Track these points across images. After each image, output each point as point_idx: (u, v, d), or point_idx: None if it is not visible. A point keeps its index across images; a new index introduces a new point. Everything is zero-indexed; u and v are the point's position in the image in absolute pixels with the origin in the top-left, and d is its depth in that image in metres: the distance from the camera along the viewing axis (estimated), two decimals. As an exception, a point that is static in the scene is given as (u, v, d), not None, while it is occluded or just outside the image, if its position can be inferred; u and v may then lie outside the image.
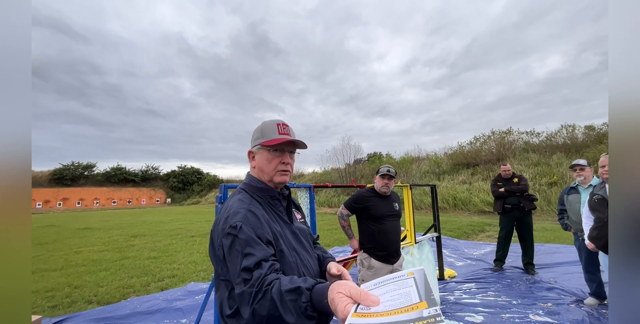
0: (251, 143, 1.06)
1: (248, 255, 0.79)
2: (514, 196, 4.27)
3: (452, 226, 8.61)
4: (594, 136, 13.63)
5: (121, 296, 3.82)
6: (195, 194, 39.54)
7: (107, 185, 39.59)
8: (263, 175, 1.03)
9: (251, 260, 0.78)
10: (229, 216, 0.88)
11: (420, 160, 19.70)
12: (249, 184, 1.03)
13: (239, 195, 0.98)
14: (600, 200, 2.31)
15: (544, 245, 5.67)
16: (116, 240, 8.53)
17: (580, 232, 3.10)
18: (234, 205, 0.92)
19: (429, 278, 3.34)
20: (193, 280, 4.41)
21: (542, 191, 11.15)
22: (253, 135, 1.05)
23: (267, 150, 1.00)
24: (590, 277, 3.09)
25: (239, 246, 0.81)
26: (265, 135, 1.01)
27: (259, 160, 1.02)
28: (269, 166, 1.00)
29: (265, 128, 1.02)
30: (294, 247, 0.96)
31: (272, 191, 1.02)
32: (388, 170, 2.34)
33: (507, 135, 16.31)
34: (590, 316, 2.74)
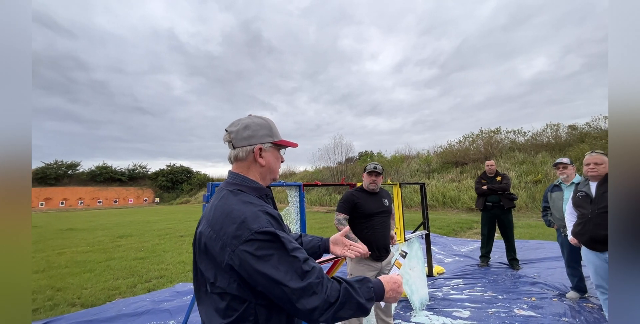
0: (252, 139, 0.93)
1: (295, 250, 0.80)
2: (496, 194, 4.38)
3: (441, 223, 8.76)
4: (577, 135, 14.08)
5: (106, 298, 3.72)
6: (184, 193, 38.88)
7: (92, 184, 38.48)
8: (269, 174, 0.98)
9: (302, 255, 0.80)
10: (247, 221, 0.79)
11: (410, 159, 19.93)
12: (242, 184, 0.93)
13: (241, 196, 0.88)
14: (585, 196, 2.37)
15: (528, 241, 5.83)
16: (101, 240, 8.30)
17: (563, 228, 3.20)
18: (243, 208, 0.83)
19: (418, 275, 3.36)
20: (181, 281, 4.33)
21: (527, 188, 11.47)
22: (253, 130, 0.93)
23: (277, 149, 0.99)
24: (572, 272, 3.19)
25: (281, 247, 0.78)
26: (275, 134, 0.97)
27: (270, 159, 0.96)
28: (277, 165, 0.99)
29: (272, 126, 0.98)
30: None
31: (267, 190, 0.98)
32: (375, 166, 2.35)
33: (495, 134, 16.68)
34: (572, 309, 2.83)
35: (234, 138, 0.93)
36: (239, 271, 0.78)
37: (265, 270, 0.75)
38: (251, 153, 0.93)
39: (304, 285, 0.75)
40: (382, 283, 0.90)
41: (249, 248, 0.76)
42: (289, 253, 0.78)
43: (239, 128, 0.93)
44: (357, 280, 0.86)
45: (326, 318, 0.77)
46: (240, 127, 0.93)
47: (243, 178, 0.93)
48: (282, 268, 0.76)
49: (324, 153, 22.69)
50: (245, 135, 0.93)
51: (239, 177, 0.93)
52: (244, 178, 0.93)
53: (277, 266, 0.76)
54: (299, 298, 0.75)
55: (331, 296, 0.77)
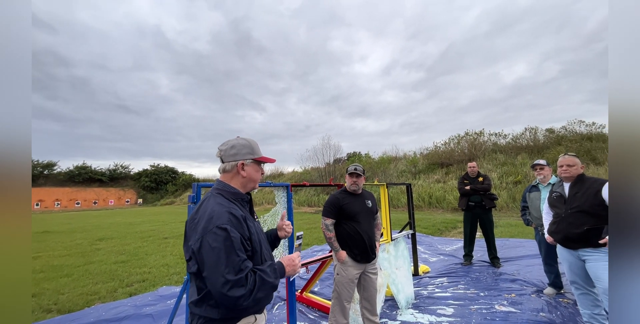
0: (237, 155, 1.21)
1: (240, 250, 1.02)
2: (478, 195, 4.52)
3: (427, 223, 8.94)
4: (554, 138, 14.75)
5: (84, 304, 3.57)
6: (169, 194, 37.82)
7: (70, 185, 36.79)
8: (249, 184, 1.25)
9: (243, 255, 1.03)
10: (214, 218, 1.03)
11: (397, 160, 20.23)
12: (223, 189, 1.19)
13: (217, 199, 1.12)
14: (559, 196, 2.46)
15: (508, 240, 6.04)
16: (79, 243, 7.96)
17: (540, 227, 3.34)
18: (215, 208, 1.07)
19: (404, 274, 3.41)
20: (165, 284, 4.22)
21: (508, 189, 11.89)
22: (238, 149, 1.21)
23: (257, 164, 1.26)
24: (549, 269, 3.34)
25: (230, 245, 1.00)
26: (256, 152, 1.25)
27: (251, 172, 1.23)
28: (257, 176, 1.26)
29: (254, 146, 1.26)
30: (259, 235, 1.21)
31: (243, 195, 1.23)
32: (355, 168, 2.39)
33: (478, 136, 17.20)
34: (549, 304, 2.96)
35: (223, 155, 1.22)
36: (197, 256, 1.01)
37: (212, 259, 0.97)
38: (235, 166, 1.21)
39: (237, 278, 0.97)
40: (282, 262, 1.20)
41: (209, 238, 0.99)
42: (235, 250, 1.00)
43: (227, 147, 1.22)
44: (266, 265, 1.12)
45: (248, 303, 0.99)
46: (228, 146, 1.22)
47: (225, 185, 1.20)
48: (225, 262, 0.97)
49: (313, 154, 22.69)
50: (232, 152, 1.21)
51: (222, 184, 1.21)
52: (226, 185, 1.20)
53: (222, 258, 0.97)
54: (231, 288, 0.96)
55: (252, 285, 1.01)
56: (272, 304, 3.29)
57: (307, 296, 3.37)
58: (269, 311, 3.12)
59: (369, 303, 2.42)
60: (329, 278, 4.09)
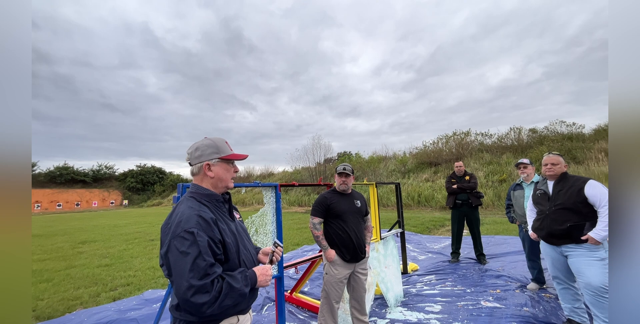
0: (202, 157, 1.17)
1: (206, 254, 0.98)
2: (465, 193, 4.62)
3: (415, 222, 9.06)
4: (537, 138, 15.22)
5: (65, 309, 3.44)
6: (156, 195, 36.95)
7: (51, 186, 35.38)
8: (220, 183, 1.20)
9: (210, 259, 0.99)
10: (182, 222, 1.01)
11: (387, 159, 20.43)
12: (196, 192, 1.16)
13: (189, 202, 1.11)
14: (543, 194, 2.53)
15: (493, 237, 6.19)
16: (61, 247, 7.67)
17: (524, 224, 3.44)
18: (185, 211, 1.05)
19: (394, 273, 3.44)
20: (151, 287, 4.11)
21: (493, 187, 12.20)
22: (202, 150, 1.18)
23: (226, 162, 1.21)
24: (532, 264, 3.43)
25: (196, 249, 0.97)
26: (222, 151, 1.20)
27: (219, 171, 1.19)
28: (227, 175, 1.21)
29: (219, 144, 1.21)
30: (236, 237, 1.17)
31: (217, 196, 1.20)
32: (344, 168, 2.40)
33: (466, 136, 17.57)
34: (532, 299, 3.05)
35: (190, 158, 1.20)
36: (165, 261, 1.00)
37: (178, 263, 0.95)
38: (202, 168, 1.17)
39: (202, 284, 0.94)
40: (254, 271, 1.14)
41: (176, 242, 0.98)
42: (201, 254, 0.97)
43: (192, 150, 1.19)
44: (237, 272, 1.08)
45: (212, 310, 0.96)
46: (193, 149, 1.19)
47: (198, 187, 1.18)
48: (190, 266, 0.94)
49: (303, 154, 22.66)
50: (196, 155, 1.18)
51: (195, 186, 1.19)
52: (199, 187, 1.18)
53: (187, 263, 0.95)
54: (194, 293, 0.93)
55: (217, 292, 0.97)
56: (261, 305, 3.25)
57: (296, 297, 3.35)
58: (257, 312, 3.08)
59: (358, 303, 2.42)
60: (319, 277, 4.08)
